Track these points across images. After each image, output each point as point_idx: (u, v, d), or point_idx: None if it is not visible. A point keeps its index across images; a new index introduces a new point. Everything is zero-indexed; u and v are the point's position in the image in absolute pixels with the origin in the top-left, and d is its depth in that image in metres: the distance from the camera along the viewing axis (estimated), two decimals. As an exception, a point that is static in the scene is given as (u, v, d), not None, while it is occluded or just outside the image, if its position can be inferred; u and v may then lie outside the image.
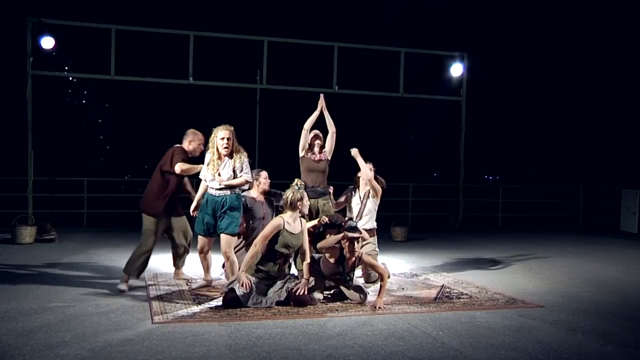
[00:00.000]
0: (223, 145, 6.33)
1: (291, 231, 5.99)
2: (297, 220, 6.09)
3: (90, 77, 11.46)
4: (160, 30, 12.13)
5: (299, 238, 6.04)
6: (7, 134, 18.03)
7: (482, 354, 4.65)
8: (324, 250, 6.16)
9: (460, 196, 13.81)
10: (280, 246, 5.96)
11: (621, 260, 9.56)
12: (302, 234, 6.08)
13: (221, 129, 6.39)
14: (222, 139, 6.33)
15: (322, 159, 7.15)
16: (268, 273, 5.98)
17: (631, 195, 13.77)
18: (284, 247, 5.97)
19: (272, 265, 5.99)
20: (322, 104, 7.24)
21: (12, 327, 5.04)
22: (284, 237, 5.94)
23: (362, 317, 5.67)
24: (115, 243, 10.19)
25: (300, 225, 6.10)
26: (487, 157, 29.37)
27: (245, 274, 5.85)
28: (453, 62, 13.22)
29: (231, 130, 6.42)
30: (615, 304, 6.47)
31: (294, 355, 4.53)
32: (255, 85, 13.04)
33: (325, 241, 6.18)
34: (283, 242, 5.95)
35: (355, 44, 13.22)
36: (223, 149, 6.35)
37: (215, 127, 6.44)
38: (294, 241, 6.00)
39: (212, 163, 6.40)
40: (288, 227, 5.97)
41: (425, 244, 11.22)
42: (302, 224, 6.13)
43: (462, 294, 6.76)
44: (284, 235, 5.94)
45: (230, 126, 6.46)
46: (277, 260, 6.00)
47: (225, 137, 6.34)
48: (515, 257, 9.69)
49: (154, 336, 4.87)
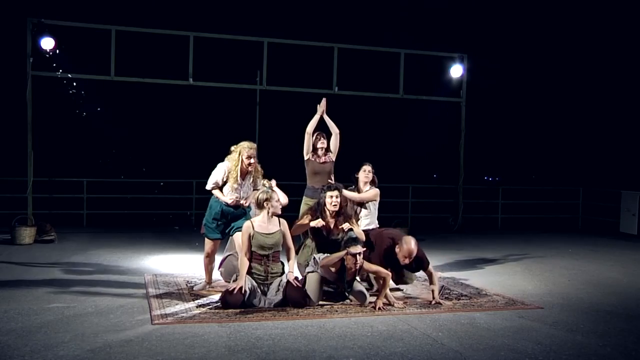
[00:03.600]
0: (248, 163, 6.50)
1: (263, 232, 6.02)
2: (273, 220, 6.11)
3: (90, 78, 11.45)
4: (160, 31, 12.12)
5: (274, 237, 6.04)
6: (7, 134, 18.04)
7: (482, 355, 4.65)
8: (326, 267, 6.14)
9: (460, 197, 13.80)
10: (255, 247, 6.01)
11: (621, 262, 9.56)
12: (279, 233, 6.08)
13: (247, 148, 6.51)
14: (249, 158, 6.49)
15: (327, 161, 7.16)
16: (258, 274, 6.01)
17: (631, 196, 13.77)
18: (258, 248, 6.00)
19: (258, 267, 6.02)
20: (322, 108, 7.24)
21: (12, 327, 5.04)
22: (255, 239, 6.00)
23: (361, 318, 5.67)
24: (114, 244, 10.20)
25: (277, 225, 6.11)
26: (486, 158, 29.36)
27: (243, 279, 5.90)
28: (453, 64, 13.21)
29: (255, 148, 6.59)
30: (614, 305, 6.47)
31: (293, 356, 4.53)
32: (255, 86, 13.03)
33: (327, 259, 6.16)
34: (256, 244, 6.00)
35: (355, 45, 13.22)
36: (249, 167, 6.52)
37: (240, 144, 6.55)
38: (267, 241, 6.01)
39: (232, 179, 6.49)
40: (259, 229, 6.02)
41: (425, 245, 11.15)
42: (280, 224, 6.14)
43: (461, 295, 6.76)
44: (255, 237, 6.00)
45: (254, 143, 6.61)
46: (261, 261, 6.01)
47: (252, 157, 6.51)
48: (514, 258, 9.69)
49: (154, 337, 4.87)
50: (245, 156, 6.47)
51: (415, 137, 27.92)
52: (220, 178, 6.55)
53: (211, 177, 6.60)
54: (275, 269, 6.09)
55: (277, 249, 6.09)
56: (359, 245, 5.99)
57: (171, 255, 9.19)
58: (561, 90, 26.31)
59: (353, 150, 8.06)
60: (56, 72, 10.89)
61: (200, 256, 7.19)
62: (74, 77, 11.18)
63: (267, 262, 6.02)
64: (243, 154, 6.48)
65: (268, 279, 6.02)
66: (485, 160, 29.28)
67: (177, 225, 12.26)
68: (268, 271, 6.02)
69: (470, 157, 14.79)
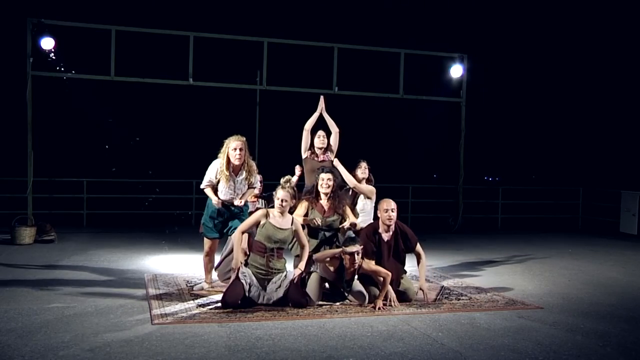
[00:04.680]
0: (236, 155, 6.40)
1: (276, 224, 5.98)
2: (287, 217, 6.09)
3: (90, 78, 11.46)
4: (160, 31, 12.13)
5: (284, 233, 6.00)
6: (7, 134, 18.04)
7: (482, 356, 4.65)
8: (320, 261, 6.14)
9: (460, 197, 13.81)
10: (261, 237, 5.95)
11: (621, 262, 9.56)
12: (289, 232, 6.04)
13: (234, 140, 6.46)
14: (235, 150, 6.40)
15: (326, 160, 7.15)
16: (259, 267, 5.96)
17: (631, 196, 13.77)
18: (265, 238, 5.94)
19: (259, 259, 5.96)
20: (321, 106, 7.25)
21: (12, 327, 5.04)
22: (265, 229, 5.95)
23: (361, 318, 5.67)
24: (114, 244, 10.19)
25: (289, 223, 6.07)
26: (486, 158, 29.37)
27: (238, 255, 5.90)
28: (453, 64, 13.22)
29: (243, 140, 6.51)
30: (614, 305, 6.47)
31: (293, 356, 4.53)
32: (255, 86, 13.05)
33: (321, 254, 6.17)
34: (264, 234, 5.94)
35: (355, 45, 13.22)
36: (235, 159, 6.42)
37: (228, 138, 6.50)
38: (277, 234, 5.96)
39: (223, 176, 6.43)
40: (273, 220, 5.98)
41: (425, 245, 11.09)
42: (294, 222, 6.10)
43: (461, 295, 6.76)
44: (266, 226, 5.95)
45: (242, 137, 6.54)
46: (264, 254, 5.95)
47: (238, 148, 6.42)
48: (514, 258, 9.69)
49: (154, 337, 4.87)
50: (231, 147, 6.40)
51: (415, 137, 27.94)
52: (214, 176, 6.52)
53: (205, 175, 6.58)
54: (278, 265, 6.02)
55: (282, 246, 6.05)
56: (356, 245, 5.99)
57: (171, 255, 9.19)
58: (561, 90, 26.33)
59: (353, 150, 8.04)
60: (56, 72, 10.90)
61: (200, 256, 7.19)
62: (74, 77, 11.19)
63: (270, 256, 5.96)
64: (230, 145, 6.42)
65: (269, 274, 5.96)
66: (485, 160, 29.28)
67: (175, 226, 12.25)
68: (269, 266, 5.95)
69: (470, 157, 14.80)
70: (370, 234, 6.34)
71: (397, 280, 6.39)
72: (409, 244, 6.50)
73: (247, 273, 5.92)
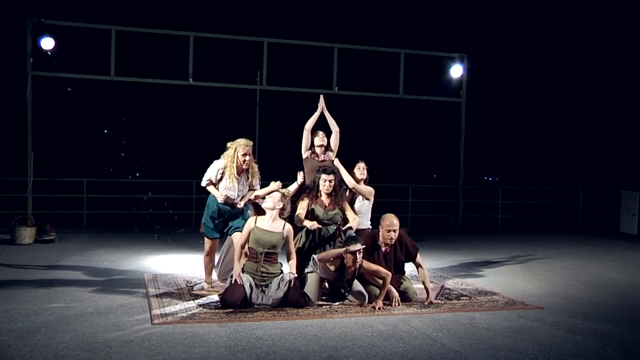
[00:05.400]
0: (244, 161, 6.48)
1: (262, 227, 6.02)
2: (278, 222, 6.11)
3: (90, 78, 11.45)
4: (160, 31, 12.12)
5: (272, 237, 6.01)
6: (7, 134, 18.02)
7: (482, 356, 4.65)
8: (323, 261, 6.13)
9: (460, 197, 13.80)
10: (252, 242, 5.99)
11: (621, 262, 9.56)
12: (279, 235, 6.04)
13: (243, 145, 6.50)
14: (244, 156, 6.46)
15: (326, 159, 7.14)
16: (253, 273, 5.97)
17: (631, 196, 13.77)
18: (254, 243, 5.98)
19: (251, 265, 5.99)
20: (322, 105, 7.25)
21: (12, 327, 5.04)
22: (253, 234, 6.00)
23: (361, 318, 5.67)
24: (114, 244, 10.20)
25: (280, 228, 6.08)
26: (486, 158, 29.34)
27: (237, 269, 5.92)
28: (453, 64, 13.21)
29: (251, 145, 6.58)
30: (614, 305, 6.47)
31: (293, 356, 4.53)
32: (255, 86, 13.05)
33: (324, 254, 6.17)
34: (253, 238, 5.99)
35: (355, 45, 13.22)
36: (244, 165, 6.50)
37: (236, 140, 6.53)
38: (264, 237, 5.98)
39: (231, 178, 6.47)
40: (259, 224, 6.03)
41: (425, 245, 11.20)
42: (284, 227, 6.11)
43: (461, 295, 6.76)
44: (253, 231, 6.00)
45: (250, 141, 6.59)
46: (256, 260, 5.97)
47: (248, 155, 6.48)
48: (514, 258, 9.69)
49: (154, 337, 4.87)
50: (241, 153, 6.46)
51: (415, 137, 27.91)
52: (215, 175, 6.54)
53: (206, 174, 6.59)
54: (271, 269, 6.01)
55: (272, 250, 6.02)
56: (358, 244, 5.99)
57: (171, 255, 9.20)
58: (561, 90, 26.30)
59: (353, 150, 8.04)
60: (56, 72, 10.89)
61: (199, 256, 7.19)
62: (74, 77, 11.18)
63: (261, 261, 5.95)
64: (239, 151, 6.46)
65: (264, 280, 5.95)
66: (485, 160, 29.25)
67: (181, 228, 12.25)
68: (261, 270, 5.94)
69: (470, 157, 14.79)
70: (370, 246, 6.34)
71: (398, 281, 6.40)
72: (409, 254, 6.49)
73: (247, 278, 5.92)
